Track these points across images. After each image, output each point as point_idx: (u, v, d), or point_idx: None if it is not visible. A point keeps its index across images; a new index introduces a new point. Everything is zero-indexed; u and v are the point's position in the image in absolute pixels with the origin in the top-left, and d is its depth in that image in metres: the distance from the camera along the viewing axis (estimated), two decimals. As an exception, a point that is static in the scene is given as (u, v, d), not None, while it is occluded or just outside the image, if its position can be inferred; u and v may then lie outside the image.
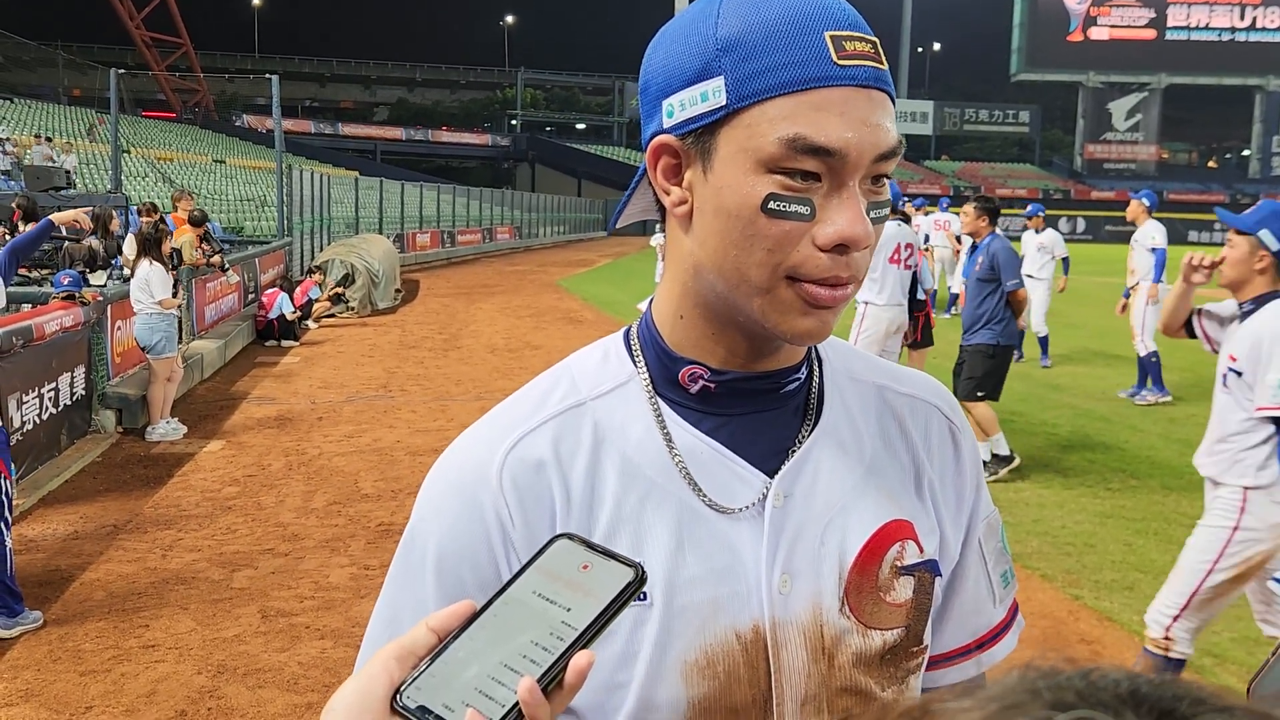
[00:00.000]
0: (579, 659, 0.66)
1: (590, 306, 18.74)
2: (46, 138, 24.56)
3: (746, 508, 0.93)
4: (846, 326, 8.27)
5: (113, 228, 11.61)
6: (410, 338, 14.50)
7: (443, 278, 25.33)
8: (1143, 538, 6.02)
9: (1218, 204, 73.43)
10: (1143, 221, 10.13)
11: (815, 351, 1.01)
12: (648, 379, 0.97)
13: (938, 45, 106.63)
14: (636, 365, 0.98)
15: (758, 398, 0.96)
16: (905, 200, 12.04)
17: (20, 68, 46.02)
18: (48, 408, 7.30)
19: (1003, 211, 8.18)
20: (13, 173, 18.45)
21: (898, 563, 0.96)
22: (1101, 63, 73.71)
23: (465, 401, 9.93)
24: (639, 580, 0.70)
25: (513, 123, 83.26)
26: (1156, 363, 10.05)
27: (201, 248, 12.03)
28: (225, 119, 58.86)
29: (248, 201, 29.25)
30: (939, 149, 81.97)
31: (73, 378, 7.89)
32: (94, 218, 11.67)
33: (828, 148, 0.82)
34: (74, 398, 7.91)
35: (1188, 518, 6.36)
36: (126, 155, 26.40)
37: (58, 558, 5.57)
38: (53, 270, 10.14)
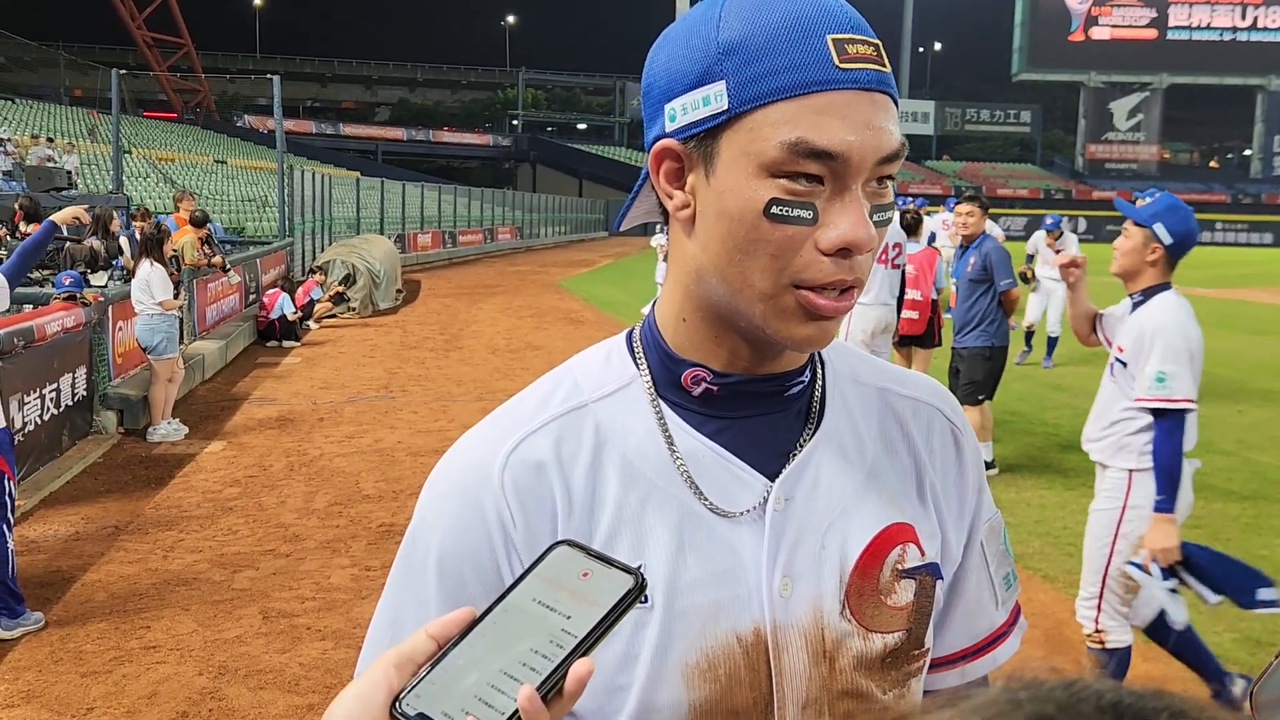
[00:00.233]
0: (579, 667, 0.66)
1: (591, 307, 18.75)
2: (48, 138, 24.56)
3: (747, 511, 0.93)
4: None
5: (113, 228, 11.60)
6: (411, 338, 14.51)
7: (444, 278, 25.33)
8: (1144, 538, 6.00)
9: (1219, 204, 73.12)
10: None
11: (818, 354, 1.01)
12: (650, 381, 0.97)
13: (939, 45, 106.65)
14: (639, 367, 0.98)
15: (760, 400, 0.96)
16: (909, 199, 12.02)
17: (22, 68, 46.03)
18: (49, 408, 7.30)
19: (1003, 212, 8.20)
20: (14, 173, 18.44)
21: (899, 566, 0.96)
22: (1103, 62, 73.73)
23: (466, 402, 9.93)
24: (639, 588, 0.70)
25: (514, 123, 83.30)
26: None
27: (203, 250, 12.04)
28: (227, 119, 58.90)
29: (249, 202, 29.26)
30: (940, 149, 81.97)
31: (74, 378, 7.89)
32: (94, 218, 11.70)
33: (830, 151, 0.82)
34: (75, 398, 7.91)
35: (1190, 518, 6.34)
36: (128, 156, 26.43)
37: (59, 559, 5.58)
38: (54, 271, 10.15)
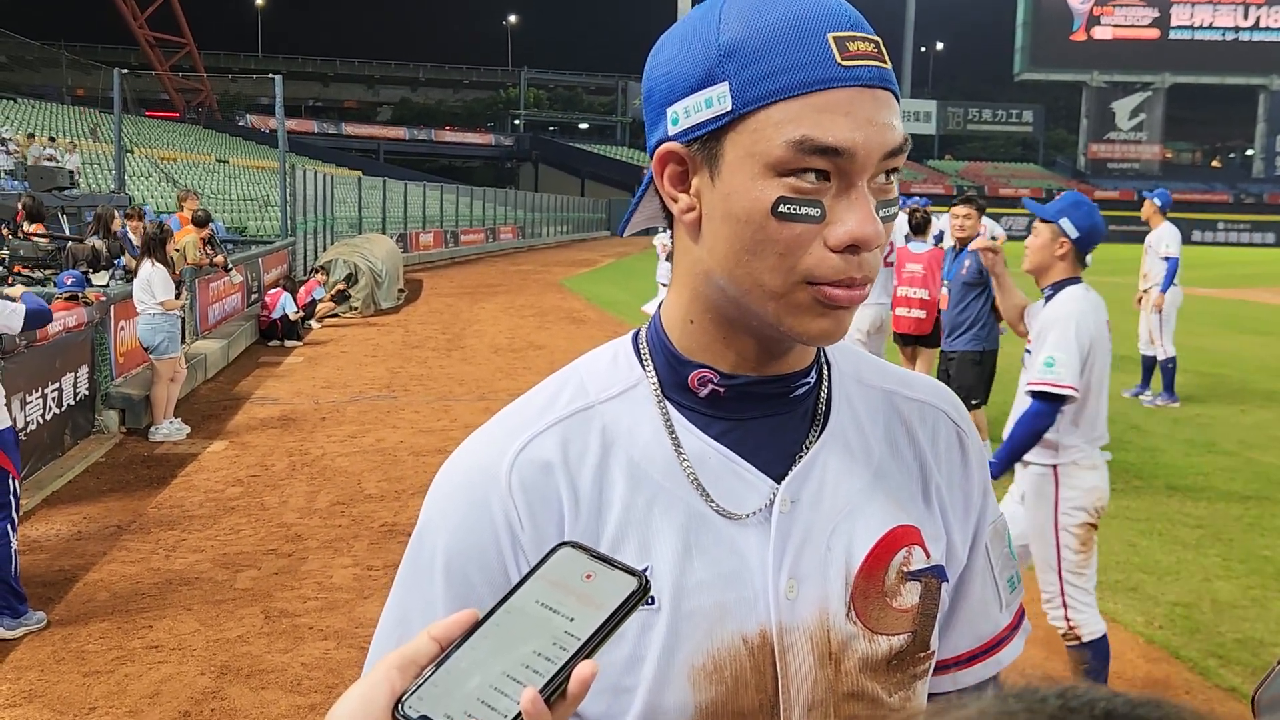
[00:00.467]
0: (582, 669, 0.65)
1: (593, 306, 18.75)
2: (50, 137, 24.59)
3: (754, 513, 0.93)
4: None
5: (114, 227, 11.60)
6: (413, 338, 14.51)
7: (446, 277, 25.34)
8: (1147, 538, 6.00)
9: (1221, 203, 72.95)
10: (1156, 223, 9.79)
11: (824, 356, 1.01)
12: (656, 383, 0.97)
13: (941, 45, 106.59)
14: (645, 369, 0.98)
15: (767, 402, 0.96)
16: (913, 199, 11.97)
17: (24, 67, 46.09)
18: (51, 408, 7.30)
19: (1005, 212, 8.19)
20: (17, 172, 18.46)
21: (904, 568, 0.96)
22: (1105, 62, 73.69)
23: (468, 401, 9.93)
24: (643, 590, 0.69)
25: (516, 122, 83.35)
26: (1173, 369, 9.84)
27: (206, 249, 12.04)
28: (229, 119, 58.97)
29: (251, 201, 29.26)
30: (942, 149, 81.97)
31: (76, 378, 7.90)
32: (96, 217, 11.72)
33: (835, 148, 0.82)
34: (77, 398, 7.91)
35: (1192, 518, 6.36)
36: (130, 155, 26.46)
37: (61, 558, 5.58)
38: (56, 270, 10.15)
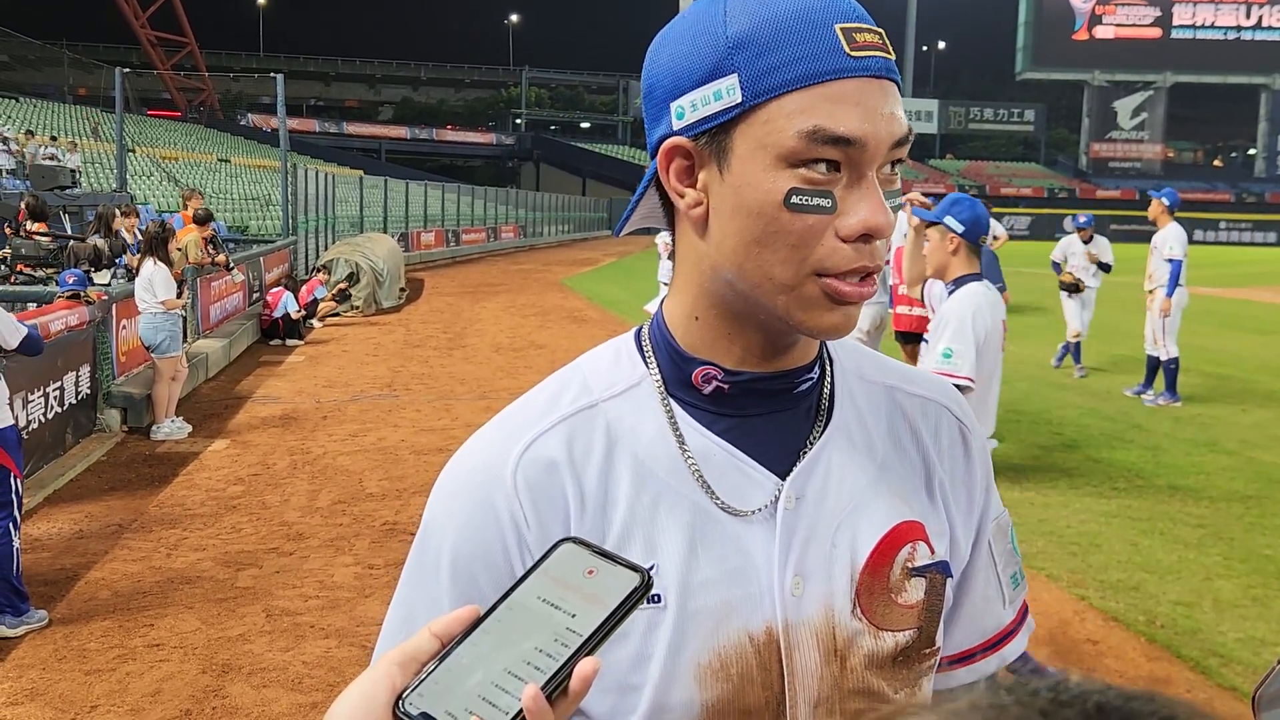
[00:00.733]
0: (584, 666, 0.65)
1: (595, 305, 18.75)
2: (51, 136, 24.59)
3: (759, 510, 0.92)
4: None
5: (116, 226, 11.61)
6: (415, 337, 14.51)
7: (447, 277, 25.34)
8: (1149, 537, 6.00)
9: (1223, 203, 72.86)
10: (1163, 223, 9.65)
11: (826, 352, 1.01)
12: (660, 380, 0.96)
13: (942, 44, 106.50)
14: (648, 366, 0.97)
15: (771, 398, 0.95)
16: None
17: (26, 66, 46.15)
18: (53, 406, 7.30)
19: (1007, 211, 8.16)
20: (18, 171, 18.47)
21: (909, 564, 0.96)
22: (1107, 61, 73.66)
23: (470, 400, 9.93)
24: (645, 586, 0.69)
25: (517, 121, 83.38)
26: (1175, 369, 9.79)
27: (207, 249, 12.04)
28: (230, 118, 59.03)
29: (253, 200, 29.27)
30: (944, 148, 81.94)
31: (78, 377, 7.90)
32: (98, 216, 11.72)
33: (848, 137, 0.83)
34: (79, 397, 7.91)
35: (1193, 518, 6.36)
36: (132, 154, 26.44)
37: (63, 557, 5.58)
38: (58, 269, 10.15)
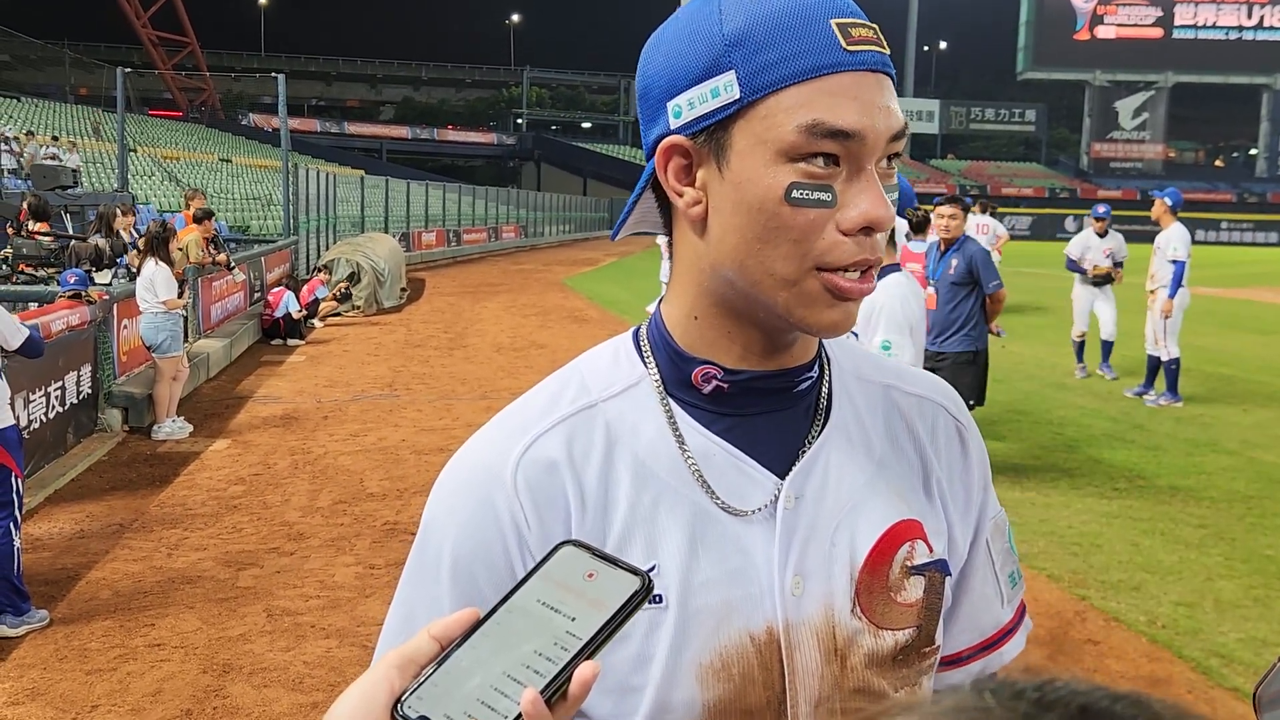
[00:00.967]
0: (583, 670, 0.65)
1: (595, 305, 18.74)
2: (53, 136, 24.60)
3: (759, 509, 0.92)
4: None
5: (117, 225, 11.60)
6: (415, 336, 14.51)
7: (448, 276, 25.34)
8: (1150, 538, 6.00)
9: (1225, 203, 72.76)
10: (1167, 224, 9.65)
11: (824, 352, 1.01)
12: (659, 380, 0.96)
13: (944, 44, 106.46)
14: (647, 366, 0.97)
15: (770, 397, 0.95)
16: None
17: (27, 66, 46.18)
18: (54, 406, 7.31)
19: (1008, 211, 8.12)
20: (20, 171, 18.48)
21: (908, 563, 0.96)
22: (1108, 61, 73.62)
23: (470, 400, 9.93)
24: (645, 589, 0.68)
25: (518, 121, 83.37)
26: (1176, 370, 9.78)
27: (209, 248, 12.04)
28: (231, 118, 59.00)
29: (254, 200, 29.27)
30: (945, 148, 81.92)
31: (79, 376, 7.90)
32: (99, 216, 11.72)
33: (847, 130, 0.83)
34: (80, 396, 7.92)
35: (1194, 518, 6.35)
36: (133, 154, 26.43)
37: (64, 556, 5.58)
38: (59, 269, 10.15)
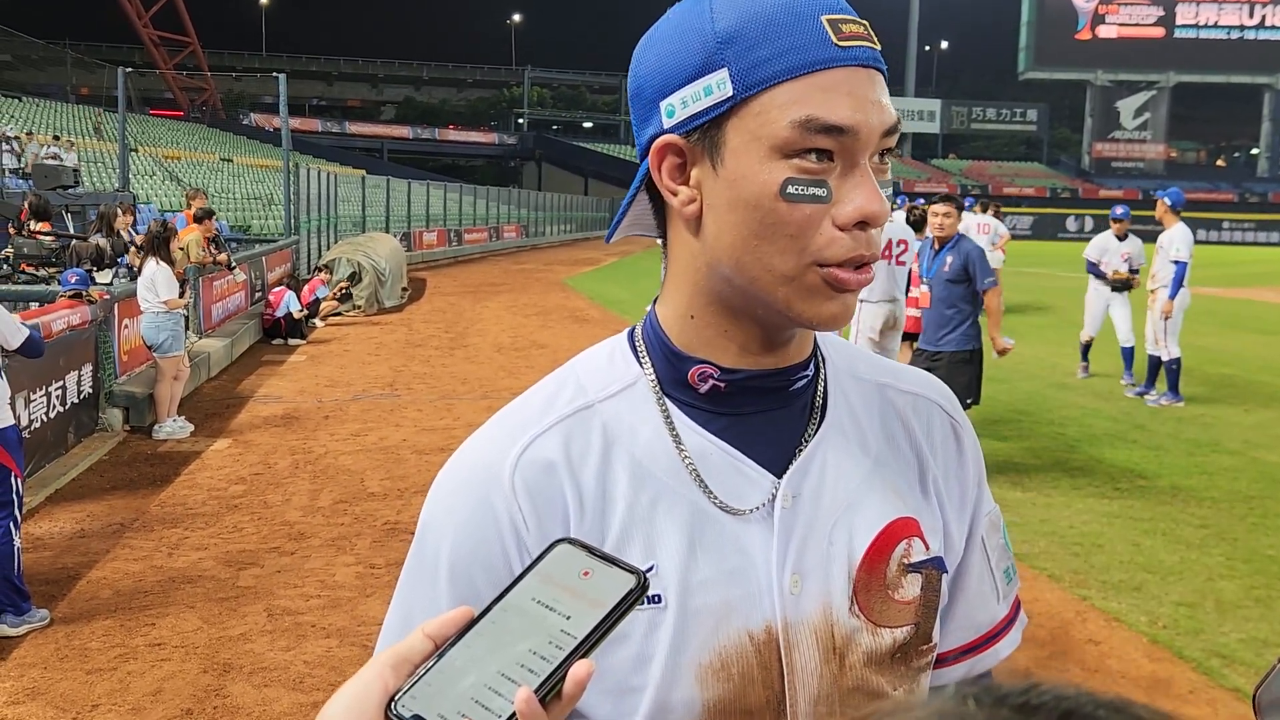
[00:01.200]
0: (578, 669, 0.64)
1: (597, 305, 18.74)
2: (54, 135, 24.61)
3: (756, 509, 0.92)
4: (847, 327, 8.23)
5: (117, 225, 11.61)
6: (416, 336, 14.51)
7: (449, 276, 25.33)
8: (1151, 538, 5.99)
9: (1226, 202, 72.76)
10: (1170, 224, 9.65)
11: (819, 351, 1.01)
12: (655, 380, 0.96)
13: (945, 44, 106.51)
14: (643, 366, 0.97)
15: (766, 396, 0.95)
16: (913, 198, 11.85)
17: (29, 66, 46.19)
18: (55, 406, 7.31)
19: (1009, 210, 8.08)
20: (21, 171, 18.48)
21: (905, 560, 0.96)
22: (1109, 61, 73.60)
23: (471, 400, 9.93)
24: (641, 588, 0.68)
25: (519, 121, 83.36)
26: (1177, 369, 9.77)
27: (209, 248, 12.05)
28: (232, 118, 59.01)
29: (255, 200, 29.30)
30: (946, 147, 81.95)
31: (80, 376, 7.90)
32: (100, 215, 11.73)
33: (841, 125, 0.84)
34: (81, 396, 7.92)
35: (1196, 518, 6.35)
36: (134, 154, 26.45)
37: (64, 556, 5.58)
38: (60, 269, 10.16)
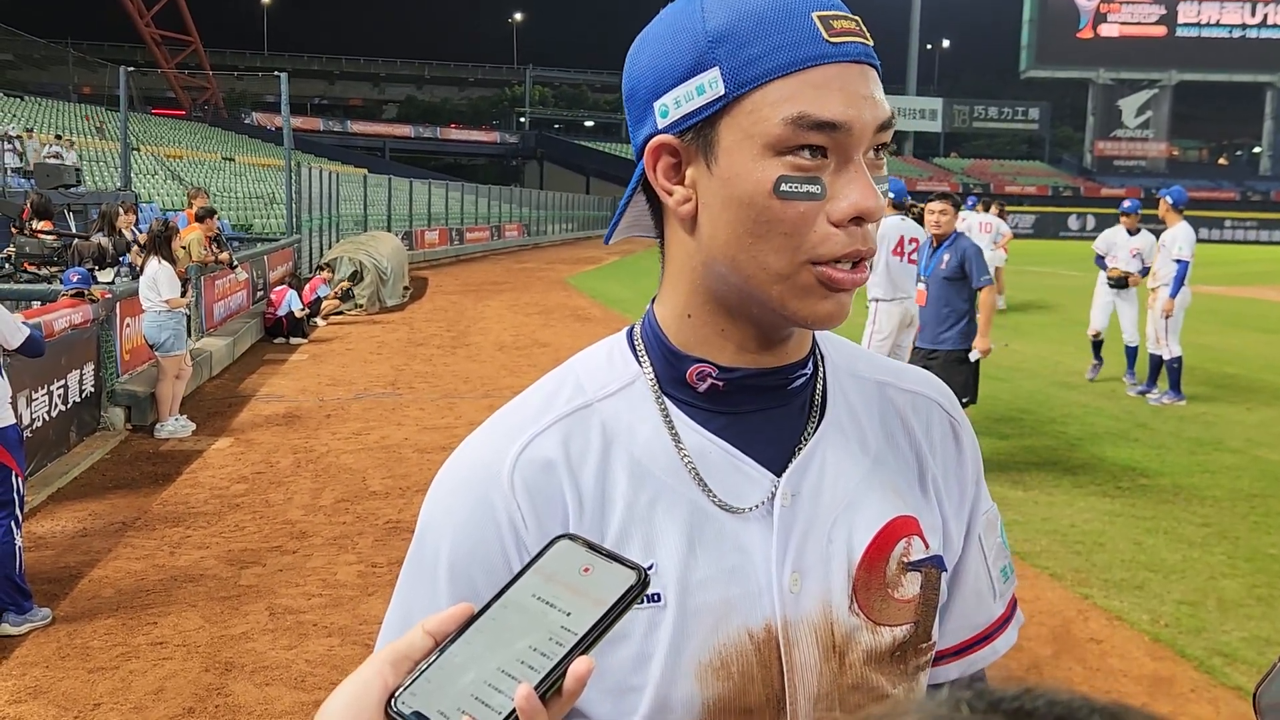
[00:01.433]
0: (578, 665, 0.64)
1: (598, 304, 18.74)
2: (56, 135, 24.61)
3: (755, 507, 0.92)
4: (860, 325, 8.26)
5: (119, 224, 11.61)
6: (418, 335, 14.51)
7: (451, 275, 25.34)
8: (1153, 536, 5.99)
9: (1228, 201, 72.70)
10: (1172, 222, 9.63)
11: (818, 349, 1.01)
12: (653, 379, 0.96)
13: (947, 42, 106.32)
14: (642, 365, 0.97)
15: (765, 395, 0.95)
16: (969, 197, 11.77)
17: (31, 65, 46.19)
18: (57, 405, 7.31)
19: (1011, 209, 8.07)
20: (23, 170, 18.47)
21: (904, 559, 0.96)
22: (1111, 59, 73.52)
23: (473, 399, 9.93)
24: (641, 584, 0.68)
25: (521, 120, 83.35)
26: (1178, 368, 9.75)
27: (211, 247, 12.05)
28: (234, 117, 59.00)
29: (257, 199, 29.31)
30: (948, 146, 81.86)
31: (82, 375, 7.91)
32: (101, 214, 11.73)
33: (833, 122, 0.84)
34: (83, 395, 7.93)
35: (1198, 516, 6.35)
36: (136, 153, 26.47)
37: (66, 555, 5.59)
38: (62, 268, 10.16)
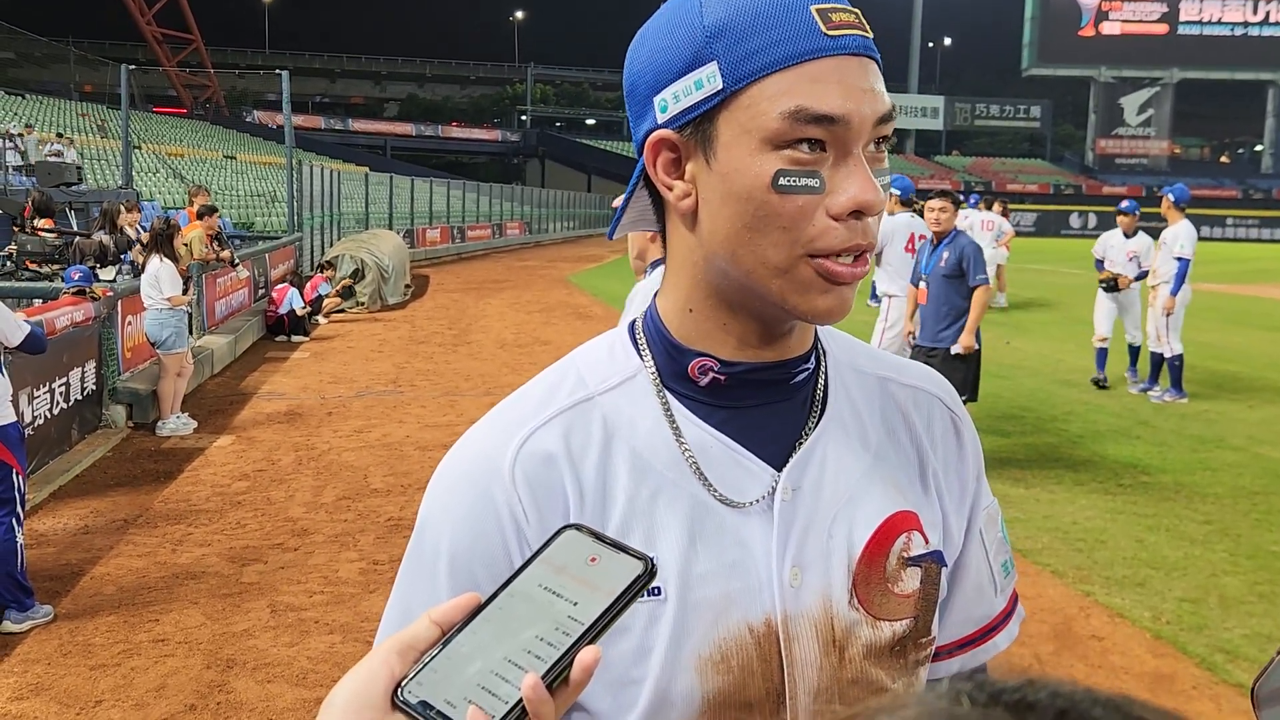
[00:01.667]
0: (585, 655, 0.64)
1: (599, 302, 18.74)
2: (58, 133, 24.61)
3: (756, 501, 0.92)
4: (871, 322, 8.27)
5: (120, 222, 11.60)
6: (420, 333, 14.52)
7: (452, 273, 25.35)
8: (1154, 534, 5.99)
9: (1230, 199, 72.63)
10: (1174, 220, 9.65)
11: (819, 344, 1.01)
12: (655, 372, 0.96)
13: (948, 40, 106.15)
14: (643, 359, 0.97)
15: (767, 389, 0.95)
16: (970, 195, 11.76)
17: (32, 64, 46.21)
18: (58, 402, 7.32)
19: (1013, 208, 8.05)
20: (25, 168, 18.48)
21: (904, 554, 0.97)
22: (1113, 57, 73.46)
23: (475, 396, 9.93)
24: (649, 574, 0.68)
25: (523, 118, 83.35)
26: (1179, 365, 9.74)
27: (212, 245, 12.05)
28: (236, 115, 58.98)
29: (258, 197, 29.30)
30: (950, 144, 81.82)
31: (83, 372, 7.92)
32: (103, 213, 11.73)
33: (831, 115, 0.83)
34: (85, 392, 7.93)
35: (1200, 514, 6.34)
36: (137, 151, 26.47)
37: (68, 552, 5.59)
38: (63, 265, 10.16)
